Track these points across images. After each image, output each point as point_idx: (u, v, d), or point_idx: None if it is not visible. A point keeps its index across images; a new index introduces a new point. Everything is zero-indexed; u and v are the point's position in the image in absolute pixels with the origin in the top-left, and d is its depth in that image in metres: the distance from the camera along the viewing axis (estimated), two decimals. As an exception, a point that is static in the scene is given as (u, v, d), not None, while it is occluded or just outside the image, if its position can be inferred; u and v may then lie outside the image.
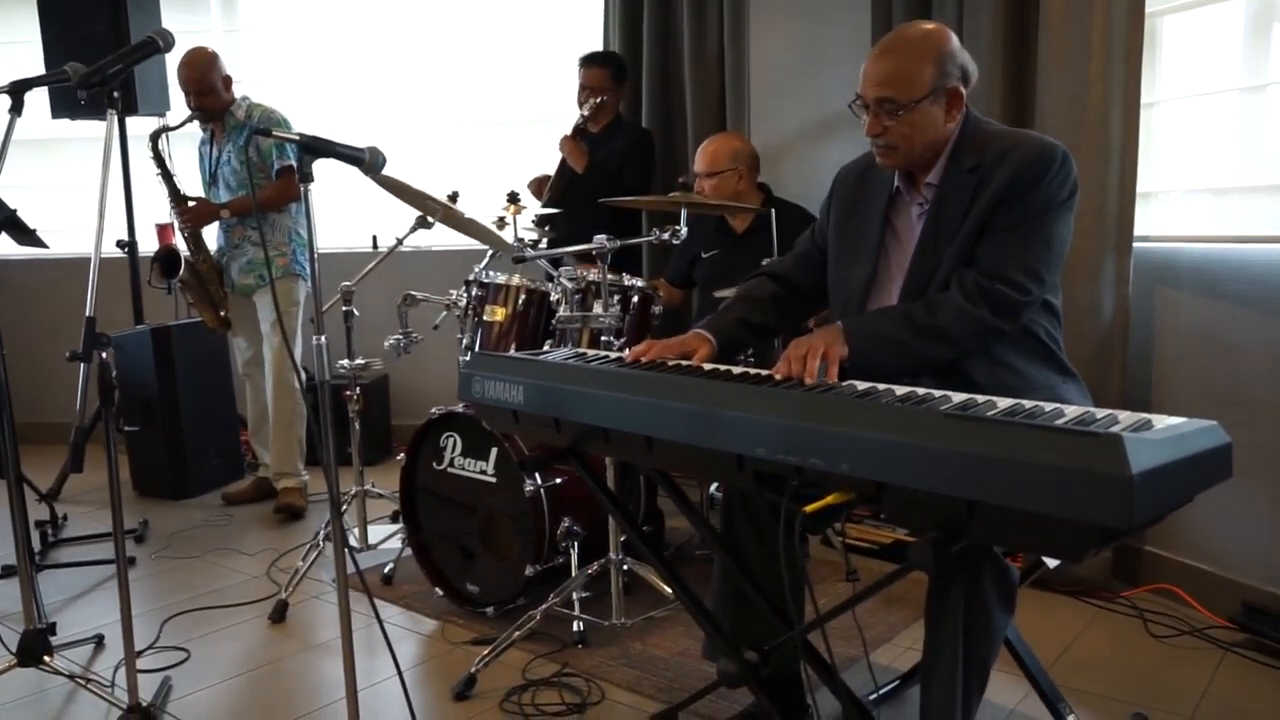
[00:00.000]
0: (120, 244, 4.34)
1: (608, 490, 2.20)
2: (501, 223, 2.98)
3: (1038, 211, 1.75)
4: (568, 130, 3.79)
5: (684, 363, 1.88)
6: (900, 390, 1.52)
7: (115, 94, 2.12)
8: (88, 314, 1.98)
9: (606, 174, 3.70)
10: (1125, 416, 1.31)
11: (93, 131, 4.62)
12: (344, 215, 4.67)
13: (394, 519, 3.39)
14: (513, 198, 2.92)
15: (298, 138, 1.79)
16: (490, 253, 3.14)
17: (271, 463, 3.88)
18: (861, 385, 1.59)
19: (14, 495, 2.38)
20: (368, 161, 1.79)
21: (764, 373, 1.72)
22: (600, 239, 2.55)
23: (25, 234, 3.01)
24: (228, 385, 4.32)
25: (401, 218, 4.65)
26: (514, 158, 4.53)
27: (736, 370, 1.75)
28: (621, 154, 3.75)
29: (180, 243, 3.82)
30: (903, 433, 1.30)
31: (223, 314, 3.89)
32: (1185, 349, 2.69)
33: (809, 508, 1.40)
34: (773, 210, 3.07)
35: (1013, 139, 1.83)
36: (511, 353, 2.11)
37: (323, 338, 1.80)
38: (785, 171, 3.70)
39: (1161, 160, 2.85)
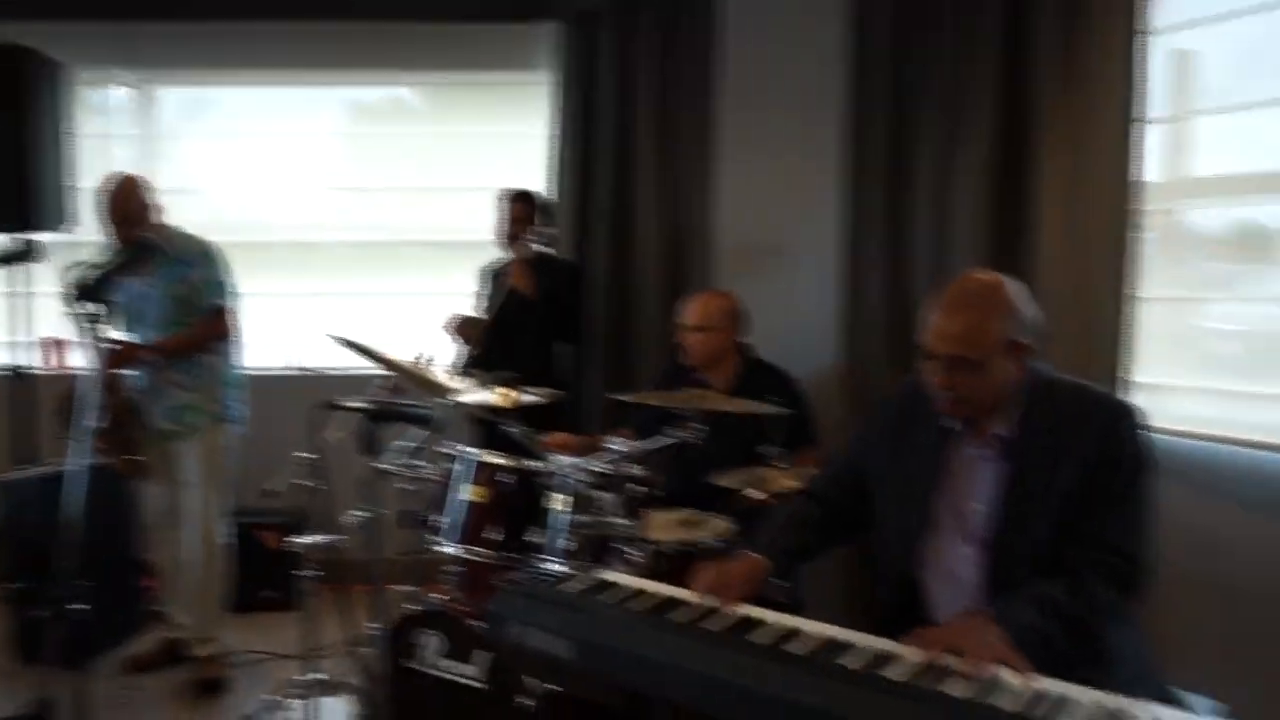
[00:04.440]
0: (14, 370, 3.93)
1: None
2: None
3: (1133, 476, 1.75)
4: (494, 262, 3.85)
5: (792, 628, 1.72)
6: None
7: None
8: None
9: (559, 303, 3.73)
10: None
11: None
12: (259, 335, 4.39)
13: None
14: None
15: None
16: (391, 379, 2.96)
17: (190, 627, 3.52)
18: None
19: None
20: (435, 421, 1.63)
21: (889, 648, 1.63)
22: (622, 443, 2.43)
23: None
24: (132, 529, 3.91)
25: (318, 338, 4.47)
26: (431, 277, 4.52)
27: (853, 659, 1.62)
28: (568, 285, 3.81)
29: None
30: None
31: (135, 459, 3.53)
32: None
33: None
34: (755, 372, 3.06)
35: (1085, 398, 1.84)
36: (561, 588, 1.94)
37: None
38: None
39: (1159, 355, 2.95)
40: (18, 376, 3.91)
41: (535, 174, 4.24)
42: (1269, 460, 2.63)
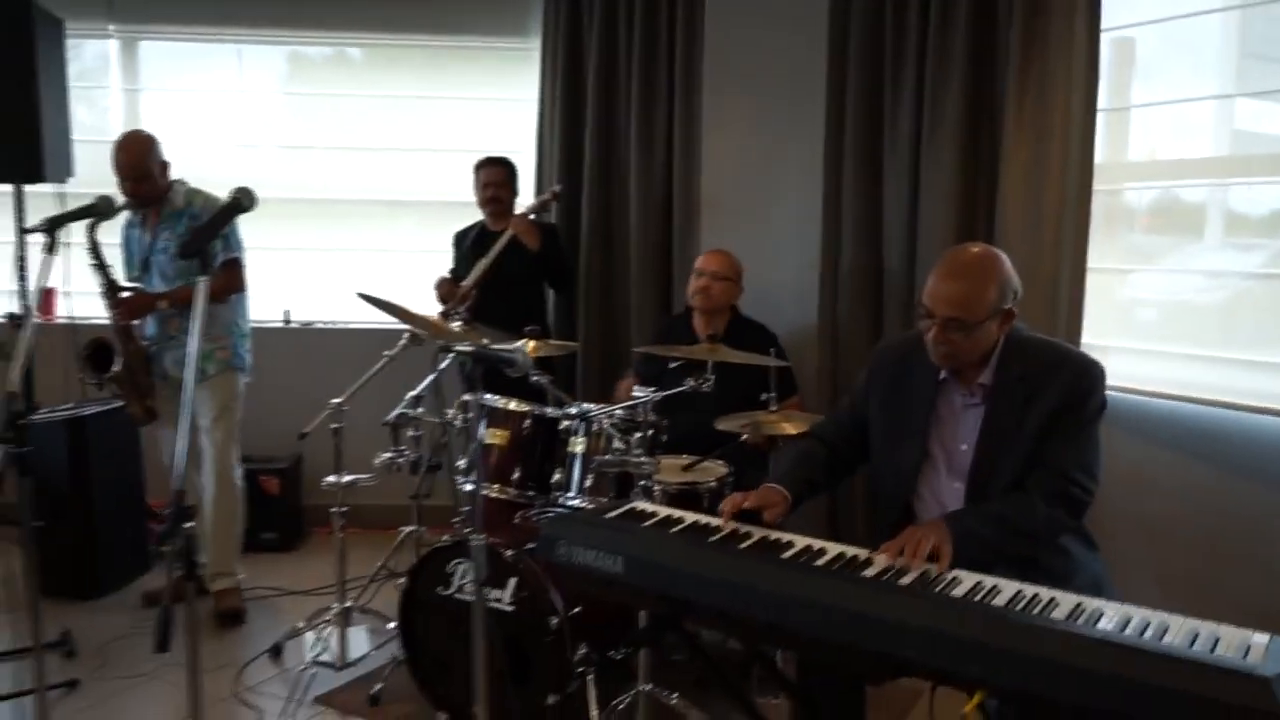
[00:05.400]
0: (12, 317, 4.03)
1: (713, 663, 2.35)
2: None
3: (1090, 419, 2.09)
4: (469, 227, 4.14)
5: (786, 539, 2.04)
6: (1006, 587, 1.79)
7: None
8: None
9: (553, 259, 4.02)
10: (1232, 638, 1.60)
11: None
12: (254, 290, 4.52)
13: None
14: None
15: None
16: (407, 334, 3.22)
17: (209, 562, 3.72)
18: (966, 577, 1.85)
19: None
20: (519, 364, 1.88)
21: (862, 554, 1.95)
22: (645, 390, 2.70)
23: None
24: (138, 472, 4.09)
25: (314, 293, 4.63)
26: (415, 236, 4.71)
27: (850, 552, 1.95)
28: (556, 242, 4.08)
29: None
30: (1062, 655, 1.56)
31: (149, 404, 3.70)
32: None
33: (967, 708, 1.65)
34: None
35: (1056, 353, 2.16)
36: (604, 516, 2.21)
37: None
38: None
39: (1108, 320, 3.31)
40: (14, 325, 4.02)
41: (525, 138, 4.45)
42: (1190, 411, 3.03)
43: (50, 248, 2.18)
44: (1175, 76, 3.24)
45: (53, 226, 2.20)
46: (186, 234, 3.56)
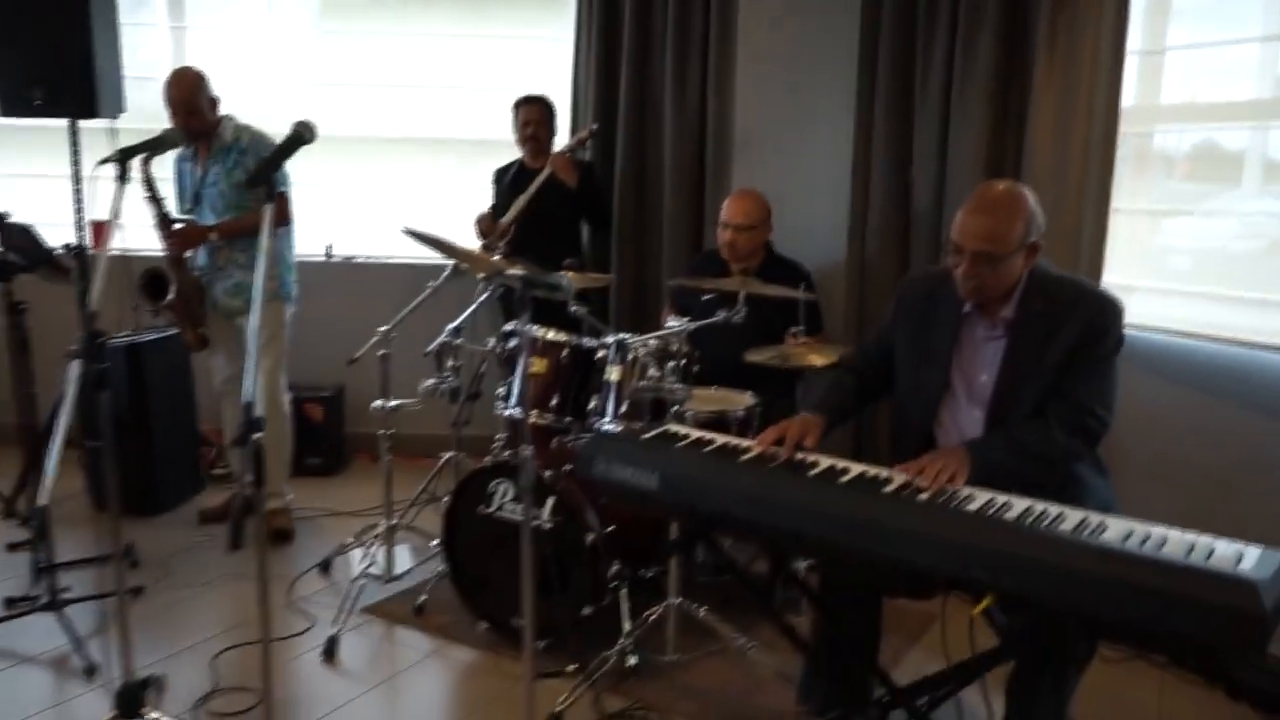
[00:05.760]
0: (69, 248, 4.18)
1: (744, 574, 2.50)
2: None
3: (1107, 354, 2.19)
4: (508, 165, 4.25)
5: (813, 460, 2.16)
6: (1017, 503, 1.91)
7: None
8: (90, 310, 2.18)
9: (590, 194, 4.13)
10: (1226, 550, 1.72)
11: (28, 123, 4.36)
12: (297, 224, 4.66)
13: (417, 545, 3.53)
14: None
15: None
16: (451, 266, 3.34)
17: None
18: (979, 494, 1.97)
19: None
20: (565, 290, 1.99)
21: (883, 473, 2.08)
22: (678, 321, 2.82)
23: (61, 273, 2.95)
24: (190, 399, 4.28)
25: (356, 227, 4.76)
26: (459, 175, 4.79)
27: (871, 471, 2.07)
28: (592, 178, 4.20)
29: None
30: (1064, 562, 1.68)
31: (201, 331, 3.87)
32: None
33: (975, 611, 1.79)
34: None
35: (1077, 290, 2.25)
36: (641, 436, 2.34)
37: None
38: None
39: (1135, 260, 3.38)
40: (76, 255, 4.18)
41: (560, 77, 4.52)
42: (1210, 350, 3.11)
43: (122, 178, 2.31)
44: (1216, 19, 3.25)
45: (124, 157, 2.32)
46: (236, 167, 3.69)
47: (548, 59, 4.64)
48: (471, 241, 4.07)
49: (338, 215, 4.82)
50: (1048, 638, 1.96)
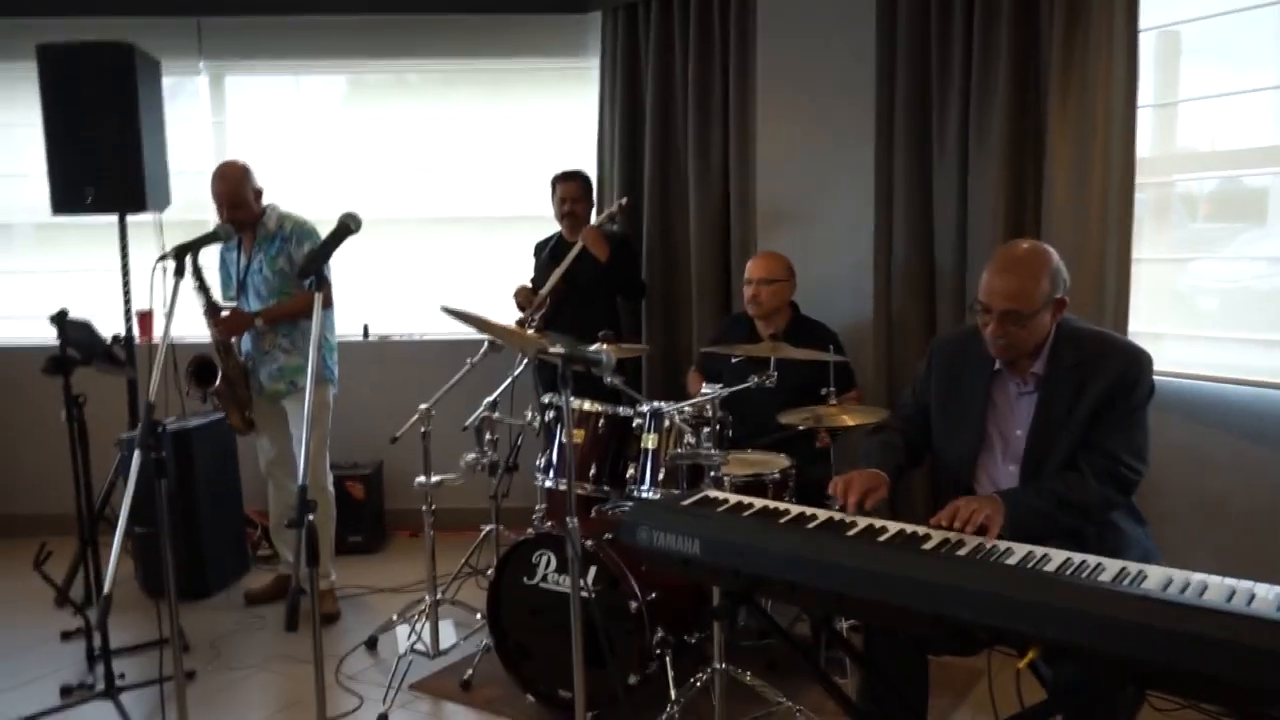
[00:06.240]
0: (116, 339, 4.33)
1: (788, 636, 2.51)
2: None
3: (1139, 405, 2.22)
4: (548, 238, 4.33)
5: (849, 519, 2.19)
6: (1055, 555, 1.93)
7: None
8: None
9: (622, 267, 4.18)
10: (1267, 594, 1.73)
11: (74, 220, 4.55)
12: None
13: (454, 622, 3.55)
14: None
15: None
16: (488, 342, 3.42)
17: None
18: (1018, 548, 1.99)
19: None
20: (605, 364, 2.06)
21: (921, 530, 2.10)
22: (708, 386, 2.88)
23: (118, 366, 3.07)
24: (236, 481, 4.38)
25: (390, 307, 4.88)
26: (493, 254, 4.90)
27: (909, 529, 2.10)
28: (625, 251, 4.25)
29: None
30: (1105, 610, 1.70)
31: (247, 415, 3.97)
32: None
33: (1021, 664, 1.80)
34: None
35: (1105, 342, 2.29)
36: (681, 503, 2.38)
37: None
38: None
39: (1161, 308, 3.41)
40: (128, 345, 4.33)
41: (586, 152, 4.67)
42: (1244, 394, 3.12)
43: (179, 271, 2.42)
44: (1228, 68, 3.30)
45: (181, 254, 2.44)
46: (279, 254, 3.83)
47: (572, 132, 4.80)
48: (508, 313, 4.16)
49: (372, 295, 4.95)
50: (1094, 689, 1.96)
